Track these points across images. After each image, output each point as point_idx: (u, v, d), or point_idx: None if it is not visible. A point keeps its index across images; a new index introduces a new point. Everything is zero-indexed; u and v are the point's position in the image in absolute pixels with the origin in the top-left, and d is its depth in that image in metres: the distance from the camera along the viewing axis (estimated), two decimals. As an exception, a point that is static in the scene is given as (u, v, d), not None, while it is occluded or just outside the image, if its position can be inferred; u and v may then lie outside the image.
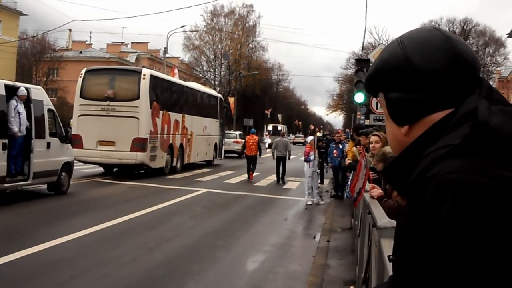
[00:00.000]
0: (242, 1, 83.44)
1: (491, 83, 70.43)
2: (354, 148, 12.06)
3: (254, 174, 24.67)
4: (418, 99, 1.28)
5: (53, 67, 64.71)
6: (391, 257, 1.29)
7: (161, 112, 23.18)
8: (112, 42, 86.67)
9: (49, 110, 15.53)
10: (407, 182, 1.20)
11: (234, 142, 41.76)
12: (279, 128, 71.16)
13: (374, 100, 17.84)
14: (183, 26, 54.06)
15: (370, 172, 6.18)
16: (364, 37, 51.07)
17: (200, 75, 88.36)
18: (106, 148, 21.14)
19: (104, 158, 21.33)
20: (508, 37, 14.14)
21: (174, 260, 9.10)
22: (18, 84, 14.81)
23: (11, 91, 13.89)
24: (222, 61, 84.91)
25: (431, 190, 1.09)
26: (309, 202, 16.87)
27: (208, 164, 30.85)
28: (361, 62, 21.43)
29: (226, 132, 38.73)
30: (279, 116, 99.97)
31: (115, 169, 23.16)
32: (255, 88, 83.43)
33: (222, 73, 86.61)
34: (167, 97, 24.78)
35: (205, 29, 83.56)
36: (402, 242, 1.18)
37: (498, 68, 67.62)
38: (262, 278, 8.47)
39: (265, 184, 22.73)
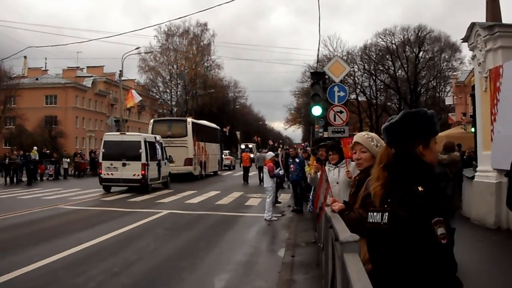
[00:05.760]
0: (196, 20, 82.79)
1: (448, 88, 70.58)
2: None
3: (216, 192, 26.84)
4: None
5: (10, 95, 63.34)
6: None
7: (196, 142, 39.37)
8: (68, 67, 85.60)
9: (163, 146, 31.17)
10: None
11: (225, 158, 57.59)
12: (250, 146, 79.46)
13: (331, 112, 17.76)
14: (137, 48, 53.87)
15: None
16: (318, 49, 51.50)
17: (157, 96, 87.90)
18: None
19: None
20: (462, 42, 14.50)
21: (139, 283, 9.07)
22: (156, 136, 31.28)
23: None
24: (178, 81, 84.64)
25: None
26: (274, 218, 16.96)
27: (215, 174, 46.54)
28: (316, 75, 21.07)
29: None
30: (238, 133, 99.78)
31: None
32: (212, 106, 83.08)
33: (178, 93, 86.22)
34: (198, 133, 40.87)
35: (159, 49, 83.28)
36: None
37: (454, 73, 67.30)
38: (229, 297, 8.51)
39: (226, 202, 22.78)
